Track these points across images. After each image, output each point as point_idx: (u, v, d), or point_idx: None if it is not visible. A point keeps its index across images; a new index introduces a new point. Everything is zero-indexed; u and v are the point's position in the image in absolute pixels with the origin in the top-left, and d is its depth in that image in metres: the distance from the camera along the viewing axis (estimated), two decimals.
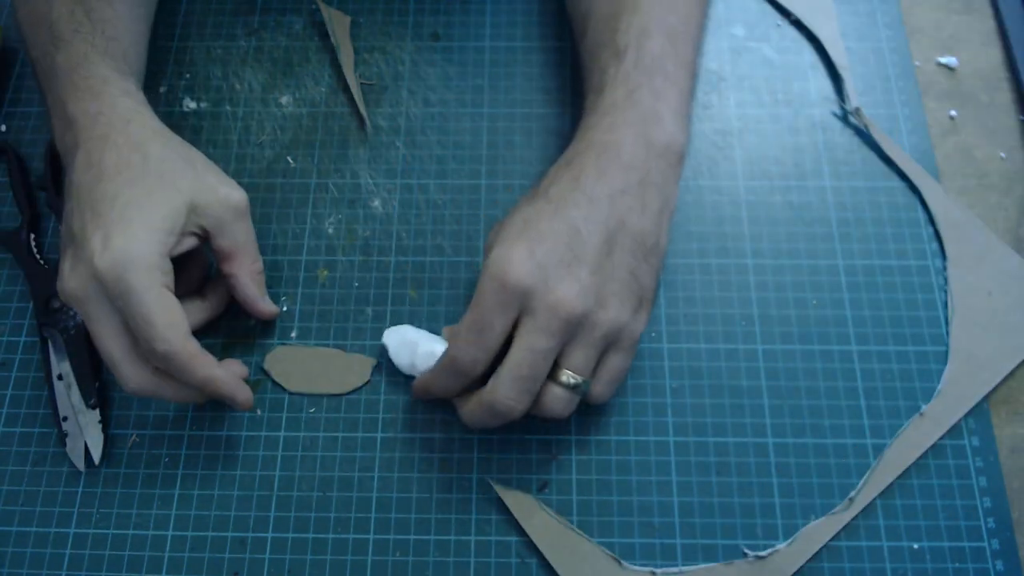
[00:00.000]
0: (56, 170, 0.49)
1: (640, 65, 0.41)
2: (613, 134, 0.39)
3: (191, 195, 0.39)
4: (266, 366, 0.43)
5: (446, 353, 0.38)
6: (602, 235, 0.37)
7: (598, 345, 0.37)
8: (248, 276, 0.41)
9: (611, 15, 0.43)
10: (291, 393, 0.43)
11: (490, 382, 0.37)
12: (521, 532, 0.40)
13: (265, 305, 0.42)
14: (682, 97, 0.42)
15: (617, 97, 0.40)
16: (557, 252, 0.36)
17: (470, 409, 0.38)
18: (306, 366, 0.44)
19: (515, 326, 0.36)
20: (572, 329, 0.36)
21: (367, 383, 0.43)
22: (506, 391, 0.36)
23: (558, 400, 0.37)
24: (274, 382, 0.43)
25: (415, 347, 0.41)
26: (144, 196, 0.37)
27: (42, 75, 0.43)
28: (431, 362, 0.40)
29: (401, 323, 0.44)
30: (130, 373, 0.37)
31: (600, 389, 0.38)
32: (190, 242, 0.39)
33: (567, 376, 0.37)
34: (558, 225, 0.37)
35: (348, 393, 0.43)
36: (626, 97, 0.40)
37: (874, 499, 0.40)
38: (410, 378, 0.42)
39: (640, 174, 0.38)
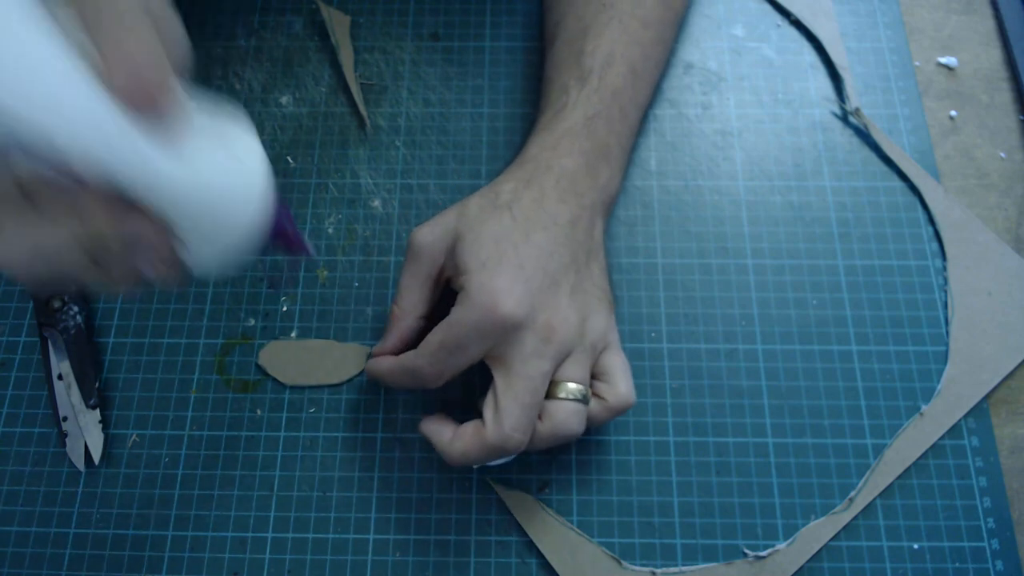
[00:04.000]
0: None
1: (601, 93, 0.42)
2: (570, 159, 0.40)
3: None
4: (261, 362, 0.43)
5: (412, 355, 0.38)
6: (570, 256, 0.38)
7: (589, 355, 0.37)
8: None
9: (580, 31, 0.44)
10: (289, 387, 0.43)
11: (489, 419, 0.36)
12: (521, 532, 0.40)
13: None
14: (630, 136, 0.44)
15: (575, 121, 0.41)
16: (538, 278, 0.36)
17: (464, 450, 0.36)
18: (301, 359, 0.44)
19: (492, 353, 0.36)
20: (564, 352, 0.36)
21: (363, 371, 0.43)
22: (513, 423, 0.35)
23: (571, 414, 0.36)
24: (271, 378, 0.43)
25: None
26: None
27: None
28: None
29: None
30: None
31: (625, 388, 0.38)
32: None
33: (567, 391, 0.37)
34: (533, 250, 0.37)
35: (346, 382, 0.43)
36: (584, 123, 0.41)
37: (874, 499, 0.40)
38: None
39: (590, 201, 0.40)
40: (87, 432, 0.42)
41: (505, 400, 0.35)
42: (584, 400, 0.37)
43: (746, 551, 0.39)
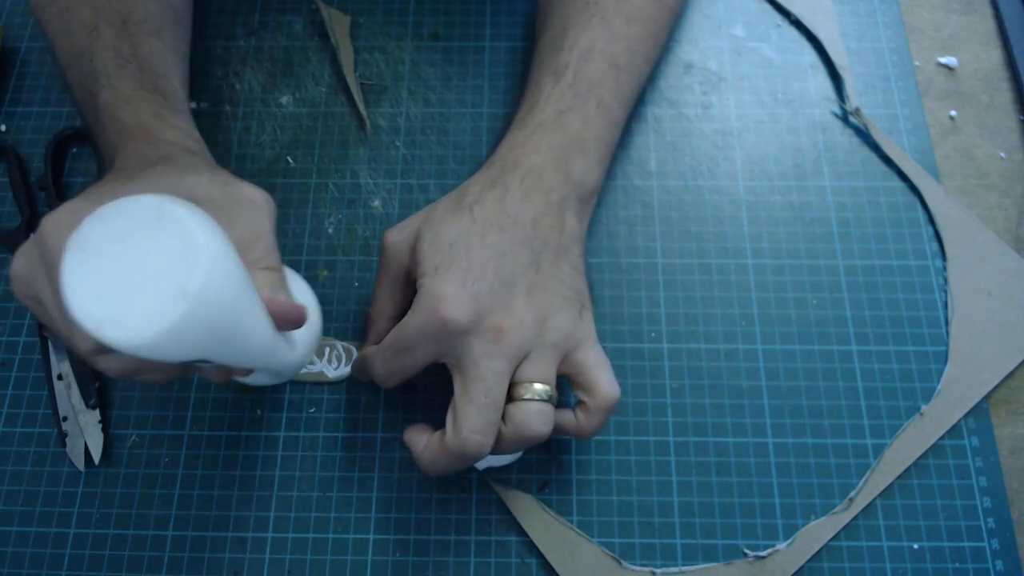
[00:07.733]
0: (56, 170, 0.49)
1: (576, 86, 0.41)
2: (538, 156, 0.39)
3: None
4: None
5: (368, 357, 0.39)
6: (528, 256, 0.37)
7: (552, 355, 0.36)
8: None
9: (561, 29, 0.44)
10: (288, 385, 0.43)
11: (449, 425, 0.35)
12: (521, 532, 0.40)
13: None
14: (611, 128, 0.42)
15: (547, 116, 0.41)
16: (486, 281, 0.36)
17: (431, 458, 0.36)
18: None
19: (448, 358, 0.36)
20: (518, 351, 0.36)
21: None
22: (471, 425, 0.34)
23: (532, 414, 0.35)
24: None
25: None
26: None
27: (88, 116, 0.41)
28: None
29: None
30: None
31: (605, 382, 0.36)
32: None
33: (530, 391, 0.36)
34: (485, 252, 0.36)
35: (345, 380, 0.43)
36: (555, 118, 0.40)
37: (874, 499, 0.40)
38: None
39: (559, 197, 0.39)
40: (87, 432, 0.42)
41: (461, 404, 0.35)
42: (548, 400, 0.36)
43: (746, 551, 0.39)
